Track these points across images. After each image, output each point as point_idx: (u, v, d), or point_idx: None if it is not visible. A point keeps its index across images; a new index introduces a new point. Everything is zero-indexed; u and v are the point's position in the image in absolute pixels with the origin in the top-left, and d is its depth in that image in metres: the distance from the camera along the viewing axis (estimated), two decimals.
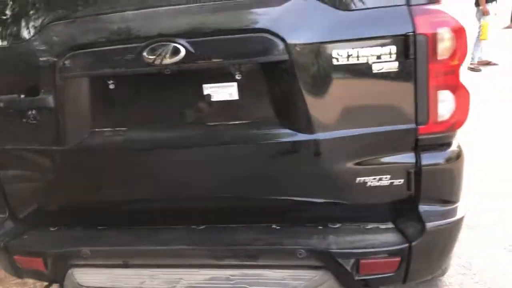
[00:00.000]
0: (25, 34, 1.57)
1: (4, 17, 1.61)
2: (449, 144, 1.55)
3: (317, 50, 1.42)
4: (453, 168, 1.56)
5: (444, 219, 1.53)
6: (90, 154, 1.65)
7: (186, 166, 1.61)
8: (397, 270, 1.53)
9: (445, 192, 1.56)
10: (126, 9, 1.49)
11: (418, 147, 1.51)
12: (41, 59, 1.55)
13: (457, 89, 1.47)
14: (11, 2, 1.60)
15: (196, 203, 1.65)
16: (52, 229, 1.81)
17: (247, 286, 1.54)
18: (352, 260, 1.52)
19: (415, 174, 1.51)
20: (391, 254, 1.51)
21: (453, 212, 1.55)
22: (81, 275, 1.67)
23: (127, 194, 1.69)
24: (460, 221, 1.55)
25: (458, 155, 1.57)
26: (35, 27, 1.56)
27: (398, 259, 1.51)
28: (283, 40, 1.41)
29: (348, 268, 1.52)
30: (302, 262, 1.54)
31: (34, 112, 1.61)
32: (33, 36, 1.56)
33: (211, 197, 1.64)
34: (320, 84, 1.45)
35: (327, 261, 1.53)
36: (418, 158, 1.51)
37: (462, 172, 1.60)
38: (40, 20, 1.55)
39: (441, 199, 1.56)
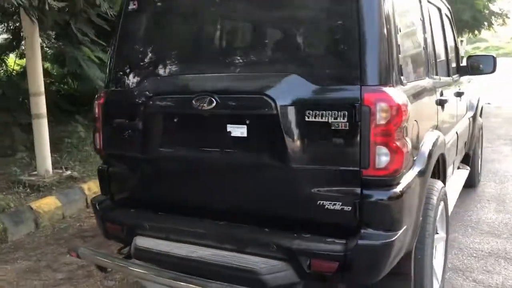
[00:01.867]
0: (131, 83, 2.58)
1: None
2: (390, 186, 2.12)
3: (295, 110, 2.15)
4: (391, 204, 2.11)
5: (376, 241, 2.08)
6: (158, 163, 2.55)
7: (212, 177, 2.42)
8: (336, 271, 2.11)
9: (383, 221, 2.12)
10: (187, 73, 2.41)
11: (363, 185, 2.11)
12: (137, 100, 2.52)
13: (391, 146, 2.06)
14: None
15: (218, 204, 2.44)
16: (132, 210, 2.72)
17: (235, 263, 2.24)
18: (306, 258, 2.15)
19: (359, 204, 2.11)
20: (332, 259, 2.10)
21: (387, 237, 2.09)
22: (140, 240, 2.53)
23: (177, 192, 2.55)
24: (390, 244, 2.08)
25: (398, 196, 2.12)
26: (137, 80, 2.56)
27: (337, 263, 2.10)
28: (274, 101, 2.17)
29: (303, 263, 2.15)
30: (273, 254, 2.21)
31: (131, 131, 2.58)
32: (136, 85, 2.56)
33: (226, 201, 2.41)
34: (296, 132, 2.17)
35: (289, 256, 2.17)
36: (361, 193, 2.11)
37: (402, 208, 2.14)
38: (139, 76, 2.55)
39: (380, 226, 2.11)
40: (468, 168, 4.65)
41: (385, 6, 2.14)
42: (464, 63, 4.29)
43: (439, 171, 3.01)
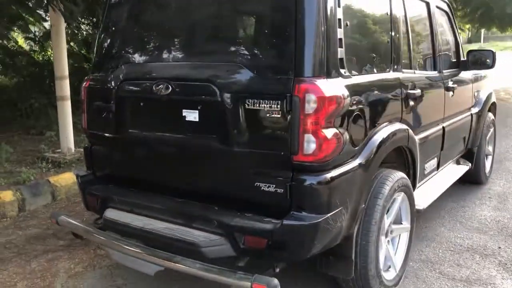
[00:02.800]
0: (109, 69, 2.84)
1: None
2: (319, 172, 2.26)
3: (237, 97, 2.33)
4: (319, 189, 2.26)
5: (301, 222, 2.23)
6: (128, 143, 2.81)
7: (171, 158, 2.65)
8: (266, 247, 2.28)
9: (312, 204, 2.27)
10: (151, 61, 2.65)
11: (293, 169, 2.26)
12: (112, 85, 2.78)
13: (319, 134, 2.20)
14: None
15: (176, 183, 2.67)
16: (109, 185, 3.00)
17: (181, 236, 2.46)
18: (241, 235, 2.34)
19: (290, 187, 2.27)
20: (261, 235, 2.28)
21: (312, 218, 2.24)
22: (108, 212, 2.80)
23: (143, 170, 2.80)
24: (315, 225, 2.23)
25: (328, 182, 2.26)
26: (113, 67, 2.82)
27: (265, 240, 2.27)
28: (219, 89, 2.36)
29: (238, 239, 2.34)
30: (214, 229, 2.41)
31: (107, 113, 2.85)
32: (111, 71, 2.82)
33: (182, 180, 2.63)
34: (238, 118, 2.35)
35: (227, 232, 2.37)
36: (292, 176, 2.27)
37: (332, 193, 2.28)
38: (114, 63, 2.81)
39: (308, 208, 2.26)
40: (469, 164, 4.62)
41: (324, 3, 2.26)
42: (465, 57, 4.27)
43: (407, 162, 3.10)
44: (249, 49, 2.44)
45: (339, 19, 2.34)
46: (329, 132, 2.23)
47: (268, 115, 2.26)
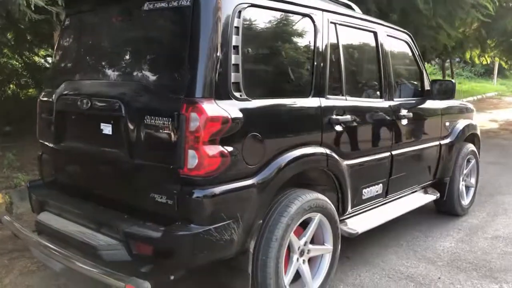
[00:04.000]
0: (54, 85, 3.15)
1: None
2: (206, 186, 2.42)
3: (138, 114, 2.56)
4: (202, 201, 2.42)
5: (181, 231, 2.40)
6: (63, 153, 3.09)
7: (93, 168, 2.91)
8: (153, 254, 2.46)
9: (196, 216, 2.43)
10: (80, 79, 2.94)
11: (181, 182, 2.44)
12: (53, 99, 3.09)
13: (202, 151, 2.37)
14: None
15: (96, 190, 2.91)
16: (52, 191, 3.27)
17: (86, 239, 2.66)
18: (133, 241, 2.53)
19: (177, 199, 2.45)
20: (148, 242, 2.46)
21: (193, 229, 2.40)
22: (40, 215, 3.07)
23: (73, 178, 3.07)
24: (195, 236, 2.39)
25: (213, 195, 2.43)
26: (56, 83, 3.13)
27: (151, 246, 2.45)
28: (124, 105, 2.60)
29: (131, 245, 2.53)
30: (115, 235, 2.62)
31: (49, 125, 3.15)
32: (55, 87, 3.12)
33: (100, 188, 2.87)
34: (138, 133, 2.57)
35: (125, 238, 2.56)
36: (180, 189, 2.45)
37: (217, 207, 2.43)
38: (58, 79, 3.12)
39: (192, 220, 2.42)
40: (438, 194, 4.60)
41: (218, 31, 2.46)
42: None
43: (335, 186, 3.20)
44: (151, 70, 2.67)
45: (236, 46, 2.52)
46: (212, 150, 2.40)
47: (161, 131, 2.47)
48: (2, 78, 8.92)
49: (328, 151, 3.08)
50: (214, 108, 2.41)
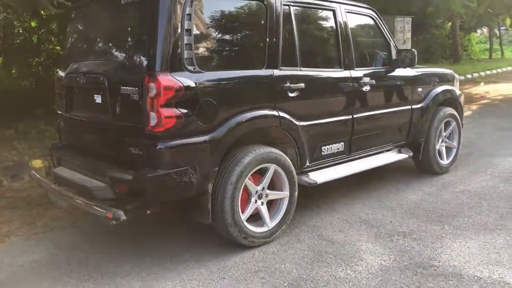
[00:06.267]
0: (64, 66, 3.99)
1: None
2: (165, 139, 3.15)
3: (115, 85, 3.32)
4: (163, 151, 3.15)
5: (147, 174, 3.15)
6: (71, 119, 3.93)
7: (90, 130, 3.73)
8: (128, 192, 3.23)
9: (158, 162, 3.17)
10: (80, 60, 3.74)
11: (147, 138, 3.19)
12: (63, 78, 3.93)
13: (159, 112, 3.10)
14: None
15: (92, 147, 3.74)
16: (68, 150, 4.13)
17: (83, 182, 3.48)
18: (115, 183, 3.30)
19: (145, 150, 3.20)
20: (124, 183, 3.23)
21: (156, 172, 3.15)
22: (57, 168, 3.95)
23: (79, 139, 3.91)
24: (157, 177, 3.13)
25: (171, 147, 3.16)
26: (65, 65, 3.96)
27: (126, 186, 3.23)
28: (106, 79, 3.37)
29: (114, 186, 3.31)
30: (104, 179, 3.41)
31: (61, 98, 4.00)
32: (65, 68, 3.96)
33: (95, 145, 3.70)
34: (116, 100, 3.34)
35: (109, 181, 3.34)
36: (147, 142, 3.20)
37: (175, 156, 3.16)
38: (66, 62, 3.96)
39: (156, 165, 3.16)
40: (411, 153, 5.10)
41: (172, 18, 3.16)
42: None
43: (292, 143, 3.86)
44: (124, 51, 3.44)
45: (188, 29, 3.21)
46: (167, 112, 3.11)
47: (132, 97, 3.22)
48: (50, 63, 10.03)
49: (281, 114, 3.72)
50: (168, 79, 3.12)
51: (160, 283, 3.20)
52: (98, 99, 3.53)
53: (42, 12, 6.15)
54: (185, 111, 3.19)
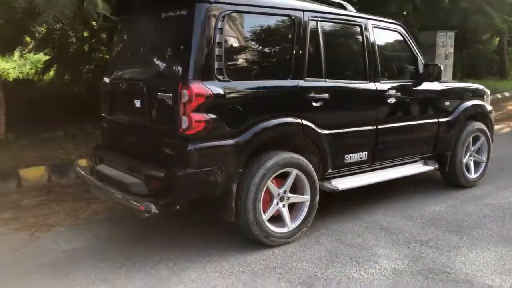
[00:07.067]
0: (109, 74, 4.39)
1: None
2: (195, 141, 3.45)
3: (154, 91, 3.66)
4: (192, 152, 3.45)
5: (177, 172, 3.44)
6: (114, 121, 4.31)
7: (130, 132, 4.09)
8: (160, 189, 3.54)
9: (186, 162, 3.47)
10: (123, 69, 4.13)
11: (179, 139, 3.50)
12: (107, 84, 4.33)
13: (190, 117, 3.41)
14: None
15: (131, 148, 4.09)
16: (110, 150, 4.51)
17: (122, 179, 3.84)
18: (149, 180, 3.62)
19: (177, 150, 3.52)
20: (156, 180, 3.55)
21: (185, 171, 3.44)
22: (99, 166, 4.33)
23: (119, 140, 4.28)
24: (185, 175, 3.43)
25: (200, 149, 3.46)
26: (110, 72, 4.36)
27: (158, 183, 3.55)
28: (144, 85, 3.72)
29: (148, 183, 3.64)
30: (140, 176, 3.74)
31: (106, 102, 4.40)
32: (109, 75, 4.36)
33: (134, 146, 4.05)
34: (154, 104, 3.68)
35: (144, 178, 3.68)
36: (179, 144, 3.51)
37: (202, 156, 3.46)
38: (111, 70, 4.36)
39: (185, 165, 3.46)
40: (436, 165, 5.21)
41: (205, 33, 3.47)
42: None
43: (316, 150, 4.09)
44: (162, 61, 3.79)
45: (219, 42, 3.51)
46: (198, 116, 3.42)
47: (167, 103, 3.55)
48: (99, 70, 10.64)
49: (304, 122, 3.96)
50: (200, 87, 3.43)
51: (185, 273, 3.49)
52: (137, 103, 3.89)
53: (93, 23, 6.65)
54: (214, 116, 3.49)
